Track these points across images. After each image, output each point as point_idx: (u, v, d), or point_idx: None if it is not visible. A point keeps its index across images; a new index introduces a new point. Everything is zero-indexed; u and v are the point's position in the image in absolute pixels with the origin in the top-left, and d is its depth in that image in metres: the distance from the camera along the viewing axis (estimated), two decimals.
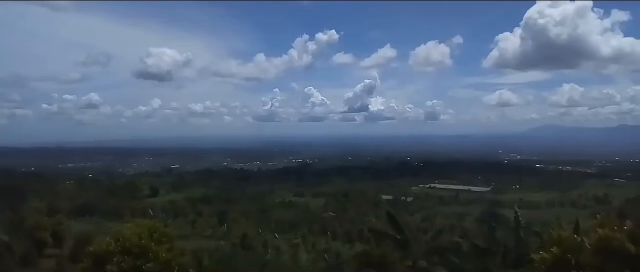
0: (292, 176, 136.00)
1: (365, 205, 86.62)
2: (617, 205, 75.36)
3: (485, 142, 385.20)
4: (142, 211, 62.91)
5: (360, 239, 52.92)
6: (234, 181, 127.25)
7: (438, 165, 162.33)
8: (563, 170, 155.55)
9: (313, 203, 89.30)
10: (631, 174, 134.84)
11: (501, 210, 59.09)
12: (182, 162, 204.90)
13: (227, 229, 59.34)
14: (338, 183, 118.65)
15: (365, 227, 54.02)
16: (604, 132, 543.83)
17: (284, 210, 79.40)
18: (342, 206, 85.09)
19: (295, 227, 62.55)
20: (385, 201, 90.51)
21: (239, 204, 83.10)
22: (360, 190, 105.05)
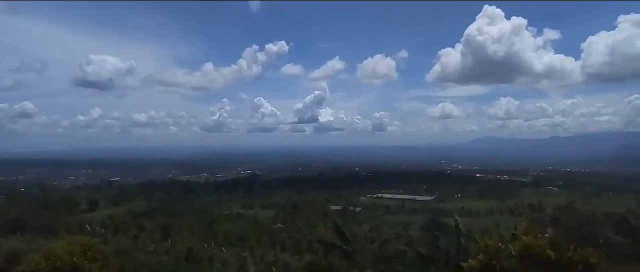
0: (240, 188, 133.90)
1: (314, 216, 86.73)
2: (550, 212, 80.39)
3: (429, 152, 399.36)
4: (79, 226, 59.45)
5: (309, 250, 52.81)
6: (180, 193, 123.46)
7: (385, 175, 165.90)
8: (501, 179, 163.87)
9: (262, 215, 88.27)
10: (563, 182, 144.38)
11: (444, 218, 61.34)
12: (124, 174, 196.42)
13: (172, 244, 57.22)
14: (287, 194, 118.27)
15: (314, 238, 54.07)
16: (537, 143, 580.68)
17: (232, 222, 77.83)
18: (292, 217, 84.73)
19: (243, 239, 61.34)
20: (334, 211, 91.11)
21: (184, 218, 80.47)
22: (309, 201, 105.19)
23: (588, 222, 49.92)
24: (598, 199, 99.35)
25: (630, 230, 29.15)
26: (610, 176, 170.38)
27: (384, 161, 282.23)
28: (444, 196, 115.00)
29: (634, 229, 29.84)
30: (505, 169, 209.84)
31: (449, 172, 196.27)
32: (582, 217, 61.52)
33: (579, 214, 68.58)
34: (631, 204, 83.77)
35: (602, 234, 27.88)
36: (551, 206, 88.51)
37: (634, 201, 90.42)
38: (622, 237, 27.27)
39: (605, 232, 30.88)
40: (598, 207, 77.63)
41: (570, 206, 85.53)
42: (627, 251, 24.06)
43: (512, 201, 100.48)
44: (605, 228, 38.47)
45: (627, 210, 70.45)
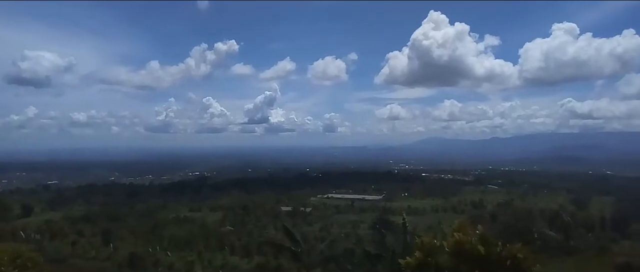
0: (187, 190, 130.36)
1: (264, 217, 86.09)
2: (491, 209, 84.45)
3: (378, 153, 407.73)
4: (12, 233, 55.71)
5: (259, 252, 52.38)
6: (122, 196, 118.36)
7: (335, 175, 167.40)
8: (445, 178, 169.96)
9: (210, 217, 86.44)
10: (502, 180, 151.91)
11: (392, 217, 62.95)
12: (62, 177, 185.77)
13: (113, 249, 54.95)
14: (237, 196, 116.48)
15: (264, 240, 53.69)
16: (479, 144, 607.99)
17: (178, 226, 75.63)
18: (241, 219, 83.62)
19: (191, 243, 59.84)
20: (284, 213, 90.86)
21: (127, 222, 77.36)
22: (259, 202, 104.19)
23: (525, 218, 52.85)
24: (534, 196, 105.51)
25: (562, 225, 31.12)
26: (544, 174, 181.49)
27: (334, 162, 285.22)
28: (392, 195, 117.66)
29: (566, 224, 31.83)
30: (449, 168, 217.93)
31: (397, 172, 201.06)
32: (520, 214, 65.08)
33: (516, 211, 72.44)
34: (563, 201, 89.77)
35: (538, 229, 29.58)
36: (491, 203, 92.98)
37: (566, 198, 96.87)
38: (555, 231, 29.12)
39: (540, 227, 32.79)
40: (534, 204, 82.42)
41: (509, 203, 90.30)
42: (560, 244, 25.77)
43: (456, 198, 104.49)
44: (541, 223, 40.93)
45: (560, 206, 75.47)
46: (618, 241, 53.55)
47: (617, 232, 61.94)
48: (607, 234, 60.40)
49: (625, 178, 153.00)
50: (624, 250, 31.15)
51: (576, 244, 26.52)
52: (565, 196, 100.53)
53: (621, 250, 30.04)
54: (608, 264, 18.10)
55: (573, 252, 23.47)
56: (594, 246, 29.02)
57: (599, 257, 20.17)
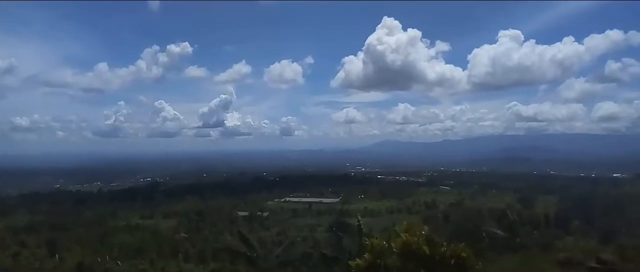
0: (139, 197, 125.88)
1: (220, 223, 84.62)
2: (443, 209, 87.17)
3: (335, 156, 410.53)
4: None
5: (215, 258, 51.38)
6: (69, 204, 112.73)
7: (293, 179, 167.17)
8: (400, 180, 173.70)
9: (163, 224, 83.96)
10: (453, 181, 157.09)
11: (348, 219, 63.54)
12: (2, 185, 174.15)
13: (59, 260, 52.15)
14: (191, 202, 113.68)
15: (220, 246, 52.76)
16: (431, 146, 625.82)
17: (129, 234, 72.94)
18: (196, 226, 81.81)
19: (142, 251, 57.82)
20: (241, 218, 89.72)
21: (74, 231, 73.78)
22: (215, 208, 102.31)
23: (474, 218, 55.01)
24: (483, 196, 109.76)
25: (509, 224, 32.42)
26: (493, 175, 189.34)
27: (291, 165, 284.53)
28: (349, 198, 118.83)
29: (512, 223, 33.25)
30: (404, 170, 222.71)
31: (353, 174, 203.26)
32: (470, 213, 67.67)
33: (467, 211, 75.29)
34: (510, 200, 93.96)
35: (486, 228, 30.69)
36: (444, 204, 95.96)
37: (513, 197, 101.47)
38: (502, 230, 30.30)
39: (489, 226, 34.01)
40: (483, 204, 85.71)
41: (460, 203, 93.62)
42: (506, 243, 26.95)
43: (410, 199, 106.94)
44: (489, 222, 42.58)
45: (508, 205, 78.96)
46: (561, 237, 56.74)
47: (560, 229, 65.61)
48: (551, 231, 63.85)
49: (567, 177, 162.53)
50: (566, 246, 33.05)
51: (522, 241, 27.81)
52: (513, 195, 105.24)
53: (564, 246, 31.86)
54: (551, 259, 19.06)
55: (519, 249, 24.59)
56: (539, 242, 30.50)
57: (543, 254, 21.22)
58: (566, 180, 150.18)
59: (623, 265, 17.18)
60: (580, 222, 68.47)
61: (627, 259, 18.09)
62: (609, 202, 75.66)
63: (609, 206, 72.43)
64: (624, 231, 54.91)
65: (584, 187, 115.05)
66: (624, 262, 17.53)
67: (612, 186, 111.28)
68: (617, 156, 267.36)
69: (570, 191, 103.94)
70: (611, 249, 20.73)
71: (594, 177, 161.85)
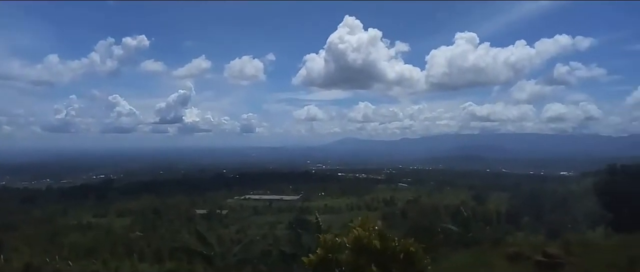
0: (91, 194, 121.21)
1: (177, 221, 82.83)
2: (401, 206, 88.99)
3: (296, 153, 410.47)
4: None
5: (172, 257, 50.25)
6: (15, 202, 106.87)
7: (253, 176, 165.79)
8: (359, 177, 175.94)
9: (117, 223, 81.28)
10: (411, 179, 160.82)
11: (308, 216, 63.67)
12: None
13: (5, 261, 49.35)
14: (147, 200, 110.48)
15: (177, 245, 51.62)
16: (390, 144, 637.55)
17: (81, 233, 70.18)
18: (152, 224, 79.66)
19: (95, 251, 55.72)
20: (199, 216, 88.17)
21: (21, 230, 70.12)
22: (172, 205, 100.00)
23: (430, 214, 56.56)
24: (439, 193, 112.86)
25: (463, 220, 33.44)
26: (448, 172, 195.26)
27: (252, 162, 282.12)
28: (309, 195, 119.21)
29: (466, 219, 34.33)
30: (363, 168, 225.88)
31: (314, 171, 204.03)
32: (426, 210, 69.52)
33: (423, 207, 77.24)
34: (465, 197, 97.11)
35: (441, 224, 31.56)
36: (401, 201, 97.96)
37: (467, 194, 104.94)
38: (456, 226, 31.15)
39: (444, 222, 34.97)
40: (439, 201, 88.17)
41: (417, 200, 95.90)
42: (460, 238, 27.81)
43: (369, 196, 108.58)
44: (444, 219, 43.86)
45: (462, 202, 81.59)
46: (511, 232, 59.14)
47: (511, 225, 68.35)
48: (502, 226, 66.46)
49: (518, 175, 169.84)
50: (516, 241, 34.48)
51: (474, 237, 28.76)
52: (467, 192, 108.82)
53: (514, 241, 33.25)
54: (501, 254, 19.81)
55: (472, 244, 25.45)
56: (490, 237, 31.59)
57: (493, 248, 22.04)
58: (517, 178, 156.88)
59: (567, 258, 18.21)
60: (529, 218, 71.59)
61: (571, 253, 19.14)
62: (557, 199, 79.19)
63: (556, 203, 75.94)
64: (569, 226, 57.84)
65: (533, 184, 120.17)
66: (568, 256, 18.58)
67: (559, 183, 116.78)
68: (564, 155, 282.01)
69: (521, 188, 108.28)
70: (557, 244, 21.81)
71: (543, 175, 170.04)
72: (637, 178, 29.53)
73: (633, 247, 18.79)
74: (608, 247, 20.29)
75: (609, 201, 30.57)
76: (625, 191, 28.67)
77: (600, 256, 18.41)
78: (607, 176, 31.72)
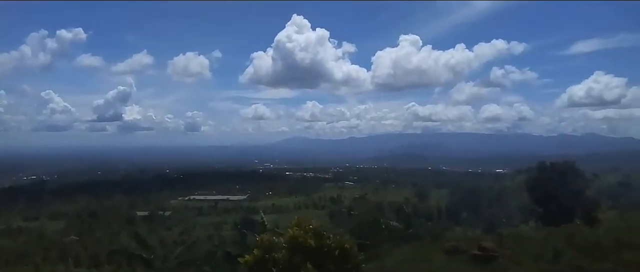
0: (22, 197, 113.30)
1: (116, 224, 79.20)
2: (347, 204, 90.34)
3: (243, 152, 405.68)
4: None
5: (110, 261, 48.05)
6: None
7: (198, 176, 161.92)
8: (307, 176, 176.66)
9: (50, 227, 76.59)
10: (357, 177, 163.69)
11: (255, 216, 63.19)
12: None
13: None
14: (84, 202, 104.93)
15: (115, 249, 49.43)
16: (338, 143, 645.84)
17: (10, 238, 65.34)
18: (89, 227, 75.70)
19: (26, 256, 52.22)
20: (140, 218, 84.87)
21: None
22: (111, 207, 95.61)
23: (375, 211, 57.84)
24: (384, 190, 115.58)
25: (405, 216, 34.54)
26: (393, 170, 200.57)
27: (197, 162, 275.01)
28: (257, 195, 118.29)
29: (408, 215, 35.49)
30: (311, 167, 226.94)
31: (262, 171, 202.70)
32: (371, 207, 71.03)
33: (369, 205, 78.92)
34: (408, 194, 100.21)
35: (385, 221, 32.38)
36: (348, 198, 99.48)
37: (410, 191, 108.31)
38: (399, 222, 32.07)
39: (388, 219, 35.90)
40: (384, 198, 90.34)
41: (363, 198, 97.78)
42: (402, 234, 28.69)
43: (317, 195, 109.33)
44: (388, 215, 45.04)
45: (405, 199, 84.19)
46: (451, 227, 61.83)
47: (450, 220, 71.50)
48: (442, 222, 69.36)
49: (457, 173, 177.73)
50: (454, 235, 36.11)
51: (416, 232, 29.78)
52: (410, 189, 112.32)
53: (453, 235, 34.78)
54: (440, 248, 20.62)
55: (413, 239, 26.30)
56: (431, 233, 32.79)
57: (433, 243, 22.85)
58: (456, 175, 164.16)
59: (500, 251, 19.30)
60: (467, 214, 75.33)
61: (504, 246, 20.30)
62: (492, 196, 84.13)
63: (492, 199, 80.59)
64: (504, 221, 61.47)
65: (471, 182, 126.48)
66: (501, 249, 19.69)
67: (495, 180, 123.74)
68: (499, 154, 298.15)
69: (460, 185, 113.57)
70: (491, 238, 23.01)
71: (480, 172, 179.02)
72: (564, 175, 31.61)
73: (559, 240, 20.25)
74: (537, 240, 21.66)
75: (539, 196, 32.55)
76: (554, 187, 30.62)
77: (530, 249, 19.66)
78: (537, 173, 33.68)
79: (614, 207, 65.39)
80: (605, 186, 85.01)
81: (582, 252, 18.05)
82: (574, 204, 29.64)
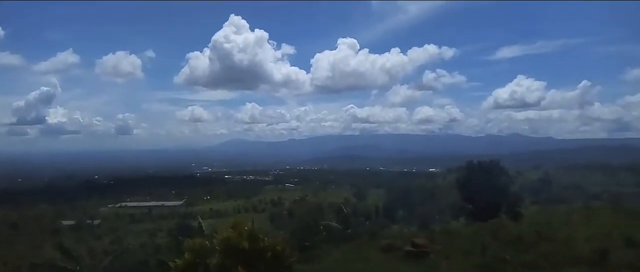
0: None
1: (39, 235, 73.54)
2: (288, 206, 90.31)
3: (179, 156, 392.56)
4: None
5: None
6: None
7: (131, 182, 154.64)
8: (247, 179, 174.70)
9: None
10: (298, 179, 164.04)
11: (192, 222, 61.43)
12: None
13: None
14: (2, 212, 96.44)
15: (37, 262, 45.95)
16: (278, 145, 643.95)
17: None
18: (7, 239, 69.59)
19: None
20: (66, 227, 79.57)
21: None
22: (34, 217, 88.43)
23: (315, 213, 58.29)
24: (324, 192, 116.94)
25: (344, 216, 35.09)
26: (333, 172, 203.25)
27: (129, 167, 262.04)
28: (194, 200, 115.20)
29: (346, 215, 36.09)
30: (251, 169, 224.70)
31: (199, 175, 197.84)
32: (311, 209, 71.49)
33: (309, 206, 79.33)
34: (347, 195, 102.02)
35: (324, 222, 32.73)
36: (288, 201, 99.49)
37: (349, 191, 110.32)
38: (338, 223, 32.53)
39: (327, 219, 36.31)
40: (323, 199, 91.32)
41: (303, 199, 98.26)
42: (341, 234, 29.17)
43: (257, 198, 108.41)
44: (328, 216, 45.57)
45: (345, 199, 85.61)
46: (388, 226, 63.64)
47: (387, 219, 73.61)
48: (380, 220, 71.24)
49: (394, 173, 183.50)
50: (391, 233, 37.25)
51: (354, 232, 30.39)
52: (349, 190, 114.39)
53: (389, 233, 35.88)
54: (377, 246, 21.18)
55: (351, 239, 26.83)
56: (369, 231, 33.57)
57: (370, 242, 23.40)
58: (393, 175, 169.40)
59: (432, 247, 20.20)
60: (403, 212, 77.98)
61: (435, 242, 21.27)
62: (426, 194, 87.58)
63: (426, 197, 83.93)
64: (436, 217, 64.35)
65: (406, 181, 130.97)
66: (432, 245, 20.61)
67: (428, 179, 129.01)
68: (432, 153, 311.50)
69: (396, 184, 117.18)
70: (424, 234, 24.01)
71: (414, 172, 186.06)
72: (490, 173, 33.62)
73: (485, 234, 21.55)
74: (466, 235, 22.90)
75: (468, 194, 34.38)
76: (481, 185, 32.48)
77: (459, 243, 20.75)
78: (466, 172, 35.58)
79: (535, 203, 70.82)
80: (527, 183, 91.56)
81: (506, 245, 19.35)
82: (499, 201, 31.65)
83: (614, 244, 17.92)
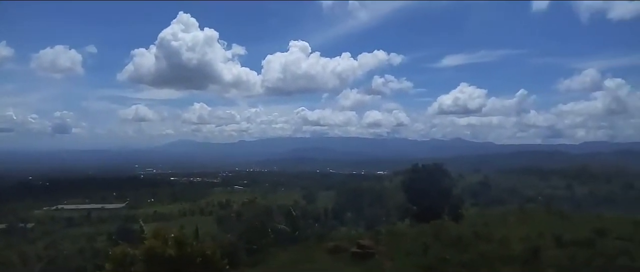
0: None
1: None
2: (236, 208, 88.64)
3: (122, 157, 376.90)
4: None
5: None
6: None
7: (68, 183, 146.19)
8: (194, 181, 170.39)
9: None
10: (247, 181, 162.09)
11: (134, 225, 58.94)
12: None
13: None
14: None
15: None
16: (227, 147, 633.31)
17: None
18: None
19: None
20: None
21: None
22: None
23: (264, 215, 57.65)
24: (273, 194, 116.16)
25: (293, 219, 35.02)
26: (283, 174, 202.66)
27: (67, 167, 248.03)
28: (137, 202, 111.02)
29: (295, 218, 36.06)
30: (199, 171, 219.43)
31: (143, 176, 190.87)
32: (260, 211, 70.52)
33: (258, 209, 78.19)
34: (297, 197, 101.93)
35: (272, 225, 32.48)
36: (237, 203, 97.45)
37: (299, 194, 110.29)
38: (287, 225, 32.40)
39: (276, 222, 36.09)
40: (273, 201, 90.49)
41: (252, 202, 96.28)
42: (289, 236, 29.06)
43: (204, 201, 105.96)
44: (277, 219, 45.29)
45: (294, 202, 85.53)
46: (336, 227, 64.17)
47: (336, 221, 74.28)
48: (329, 222, 71.74)
49: (343, 175, 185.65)
50: (339, 235, 37.53)
51: (302, 234, 30.45)
52: (299, 192, 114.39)
53: (337, 235, 36.13)
54: (324, 248, 21.25)
55: (300, 241, 26.85)
56: (317, 234, 33.65)
57: (318, 244, 23.45)
58: (342, 177, 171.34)
59: (377, 248, 20.54)
60: (351, 214, 79.01)
61: (380, 243, 21.65)
62: (373, 196, 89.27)
63: (373, 199, 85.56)
64: (383, 219, 65.71)
65: (355, 183, 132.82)
66: (377, 246, 20.97)
67: (376, 181, 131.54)
68: (380, 156, 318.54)
69: (345, 186, 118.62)
70: (370, 235, 24.38)
71: (363, 174, 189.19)
72: (434, 176, 34.73)
73: (428, 235, 22.21)
74: (410, 236, 23.49)
75: (413, 195, 35.33)
76: (425, 187, 33.48)
77: (403, 244, 21.27)
78: (412, 175, 36.53)
79: (475, 205, 74.04)
80: (468, 185, 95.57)
81: (447, 245, 20.06)
82: (442, 203, 32.77)
83: (545, 244, 19.05)
